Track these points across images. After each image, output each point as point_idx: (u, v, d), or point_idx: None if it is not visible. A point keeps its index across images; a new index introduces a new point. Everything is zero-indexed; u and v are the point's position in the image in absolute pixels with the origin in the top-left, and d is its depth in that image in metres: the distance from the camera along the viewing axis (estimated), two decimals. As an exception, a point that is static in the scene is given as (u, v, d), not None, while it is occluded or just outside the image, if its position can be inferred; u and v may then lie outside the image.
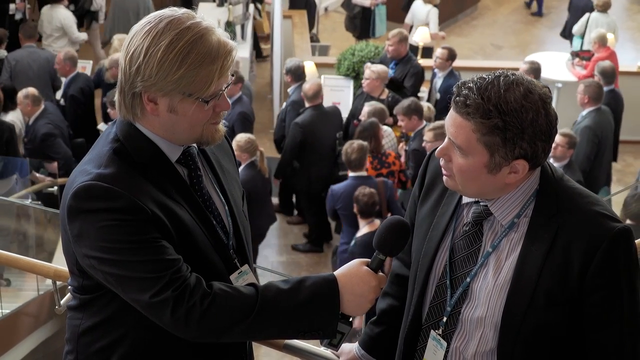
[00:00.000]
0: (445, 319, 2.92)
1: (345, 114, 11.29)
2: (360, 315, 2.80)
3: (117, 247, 2.63)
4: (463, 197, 2.94)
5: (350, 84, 11.79)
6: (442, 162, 2.83)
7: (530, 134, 2.64)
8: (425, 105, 10.53)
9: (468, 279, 2.86)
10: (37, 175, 9.81)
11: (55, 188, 9.66)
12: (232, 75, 2.79)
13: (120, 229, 2.62)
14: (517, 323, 2.75)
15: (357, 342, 3.40)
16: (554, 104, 10.68)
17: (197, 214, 2.82)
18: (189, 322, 2.65)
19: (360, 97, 10.77)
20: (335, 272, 2.82)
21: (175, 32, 2.63)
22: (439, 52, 11.28)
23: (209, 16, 10.09)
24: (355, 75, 11.97)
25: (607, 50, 12.39)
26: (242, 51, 12.49)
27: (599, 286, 2.69)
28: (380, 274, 2.84)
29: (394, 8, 15.44)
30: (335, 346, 2.86)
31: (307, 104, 10.29)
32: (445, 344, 2.92)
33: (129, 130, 2.78)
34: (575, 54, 13.13)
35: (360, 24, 15.48)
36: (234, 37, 9.25)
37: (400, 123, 9.99)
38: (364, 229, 8.50)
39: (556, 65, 12.91)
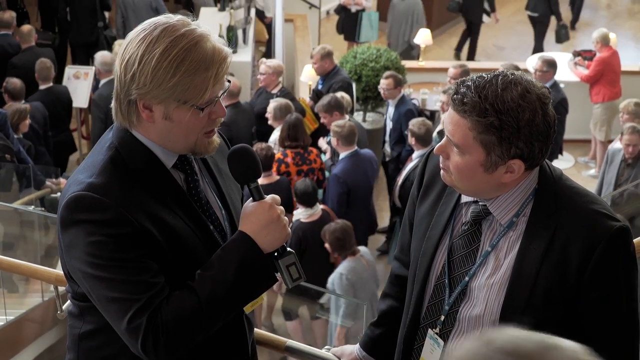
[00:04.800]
0: (442, 317, 2.93)
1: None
2: (286, 240, 2.78)
3: (102, 263, 2.63)
4: (462, 196, 2.94)
5: (352, 87, 11.78)
6: (440, 159, 2.85)
7: (526, 133, 2.64)
8: (346, 97, 10.57)
9: (467, 278, 2.87)
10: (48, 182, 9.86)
11: (59, 194, 9.66)
12: (229, 81, 2.80)
13: (106, 245, 2.62)
14: (515, 321, 2.72)
15: (358, 344, 3.40)
16: (556, 104, 10.57)
17: (192, 219, 2.82)
18: (157, 353, 2.66)
19: (263, 94, 10.75)
20: (239, 228, 2.82)
21: (170, 40, 2.63)
22: (383, 83, 10.86)
23: (210, 20, 10.19)
24: (357, 78, 11.99)
25: (609, 50, 12.38)
26: (244, 55, 12.50)
27: (597, 284, 2.69)
28: (266, 196, 2.84)
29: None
30: (300, 278, 2.85)
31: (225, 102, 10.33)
32: (442, 342, 2.93)
33: (125, 137, 2.78)
34: (577, 54, 13.12)
35: (343, 26, 15.49)
36: (235, 42, 9.20)
37: (322, 120, 10.00)
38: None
39: (558, 65, 12.86)
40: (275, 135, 9.86)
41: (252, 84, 12.92)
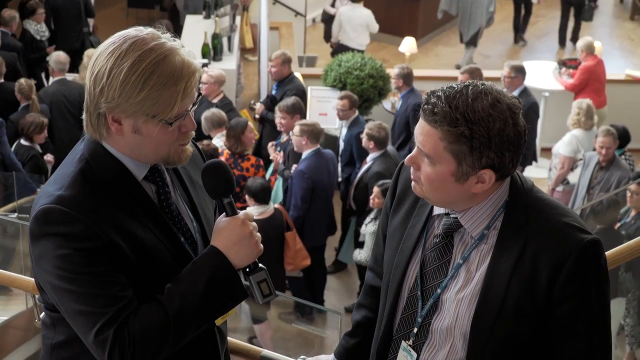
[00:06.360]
0: (415, 329, 2.93)
1: (335, 126, 11.34)
2: (258, 256, 2.78)
3: (69, 276, 2.64)
4: (434, 208, 2.94)
5: (337, 95, 11.78)
6: (411, 170, 2.85)
7: (497, 143, 2.65)
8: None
9: (439, 290, 2.87)
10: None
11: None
12: (200, 94, 2.79)
13: (74, 258, 2.63)
14: (486, 333, 2.75)
15: (332, 353, 3.40)
16: (541, 113, 10.80)
17: (163, 232, 2.82)
18: None
19: (204, 103, 10.71)
20: (211, 243, 2.82)
21: (138, 54, 2.63)
22: (338, 103, 10.79)
23: (195, 28, 10.19)
24: (342, 86, 11.99)
25: (594, 59, 12.39)
26: (229, 63, 12.51)
27: (567, 297, 2.69)
28: (240, 212, 2.84)
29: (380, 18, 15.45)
30: (270, 294, 2.85)
31: None
32: (415, 354, 2.93)
33: (96, 148, 2.78)
34: (562, 63, 13.14)
35: (330, 34, 15.55)
36: (220, 49, 9.19)
37: (281, 121, 10.04)
38: None
39: (543, 74, 12.92)
40: (213, 142, 9.89)
41: (237, 92, 12.94)
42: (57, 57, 11.35)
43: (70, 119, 10.93)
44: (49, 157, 10.23)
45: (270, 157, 9.99)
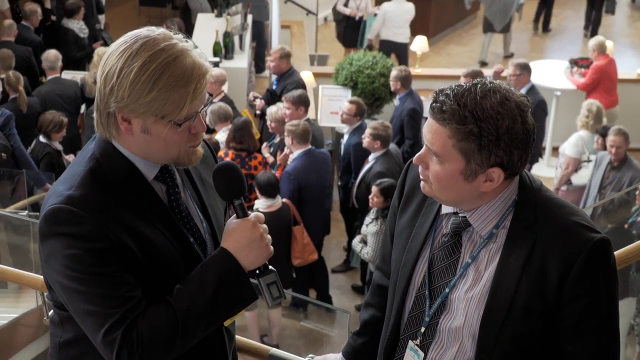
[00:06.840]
0: (423, 329, 2.91)
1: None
2: (268, 258, 2.78)
3: (78, 276, 2.63)
4: (442, 207, 2.93)
5: (348, 94, 11.80)
6: (419, 169, 2.83)
7: (506, 141, 2.64)
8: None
9: (447, 290, 2.86)
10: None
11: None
12: (210, 95, 2.78)
13: (83, 258, 2.62)
14: (495, 333, 2.74)
15: (340, 352, 3.40)
16: (552, 112, 10.78)
17: (172, 232, 2.81)
18: None
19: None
20: (221, 245, 2.81)
21: (149, 54, 2.62)
22: (345, 106, 10.60)
23: (207, 27, 10.14)
24: (353, 84, 11.99)
25: (606, 58, 12.36)
26: (241, 61, 12.50)
27: (577, 297, 2.68)
28: (251, 213, 2.84)
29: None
30: (280, 296, 2.85)
31: None
32: (422, 354, 2.91)
33: (106, 147, 2.78)
34: (573, 62, 13.10)
35: (344, 33, 15.59)
36: (232, 48, 9.17)
37: (285, 111, 10.01)
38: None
39: (555, 73, 12.89)
40: (218, 136, 9.93)
41: (248, 90, 12.93)
42: (47, 55, 11.38)
43: (67, 116, 10.98)
44: (70, 158, 10.24)
45: (265, 157, 9.99)
